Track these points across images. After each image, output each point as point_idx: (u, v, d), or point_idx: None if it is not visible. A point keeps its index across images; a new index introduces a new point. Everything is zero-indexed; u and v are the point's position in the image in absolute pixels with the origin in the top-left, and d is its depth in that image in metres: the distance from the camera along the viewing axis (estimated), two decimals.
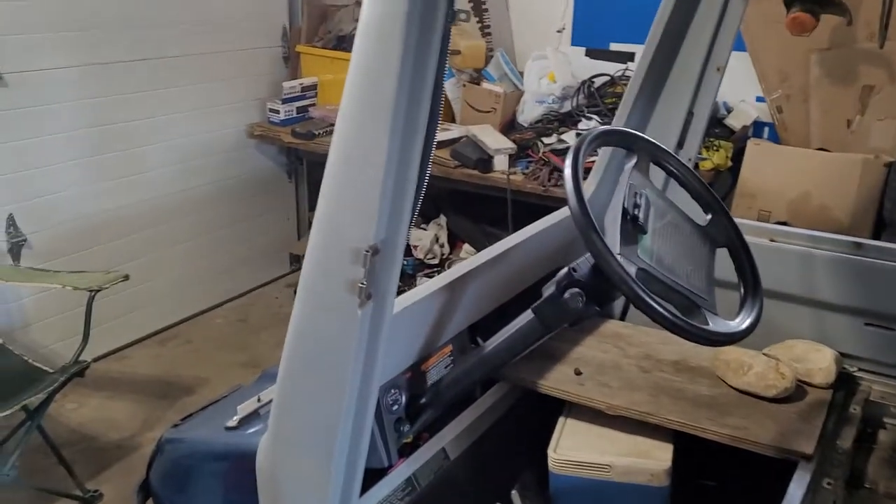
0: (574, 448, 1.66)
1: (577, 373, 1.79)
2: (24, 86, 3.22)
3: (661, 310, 1.19)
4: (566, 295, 1.31)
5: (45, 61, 3.29)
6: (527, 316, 1.43)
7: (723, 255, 1.52)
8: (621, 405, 1.68)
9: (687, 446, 1.66)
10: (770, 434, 1.58)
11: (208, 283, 4.24)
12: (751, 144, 3.44)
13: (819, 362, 1.77)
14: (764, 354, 1.78)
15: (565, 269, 1.33)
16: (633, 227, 1.31)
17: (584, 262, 1.31)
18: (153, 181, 3.84)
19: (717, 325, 1.30)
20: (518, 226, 1.99)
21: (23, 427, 2.58)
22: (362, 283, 1.08)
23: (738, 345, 1.73)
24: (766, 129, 3.68)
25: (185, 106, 3.92)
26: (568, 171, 1.25)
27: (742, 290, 1.45)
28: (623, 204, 1.30)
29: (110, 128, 3.60)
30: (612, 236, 1.24)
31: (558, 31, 3.31)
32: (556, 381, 1.76)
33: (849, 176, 3.14)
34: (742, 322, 1.35)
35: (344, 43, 4.27)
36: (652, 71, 2.05)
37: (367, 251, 1.07)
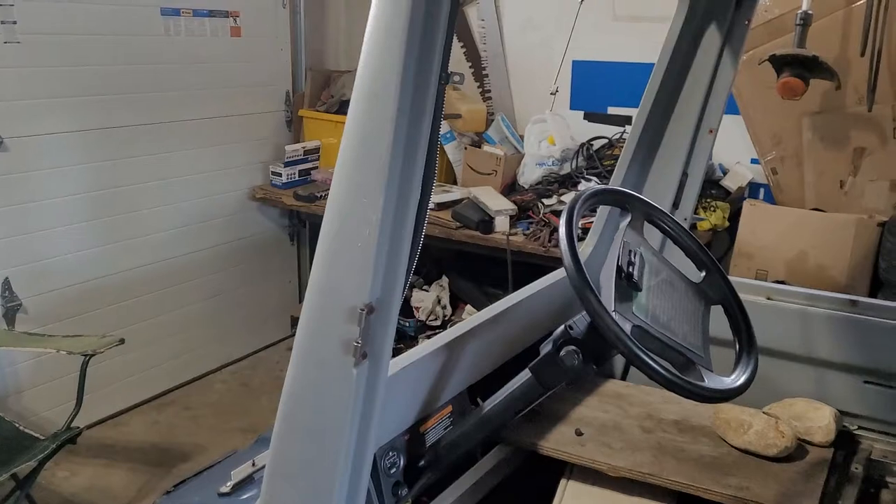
0: None
1: (579, 433, 1.78)
2: (24, 150, 3.27)
3: (656, 367, 1.19)
4: (562, 353, 1.31)
5: (46, 126, 3.35)
6: (525, 375, 1.43)
7: (717, 312, 1.52)
8: (623, 466, 1.66)
9: None
10: (772, 494, 1.56)
11: (208, 347, 4.23)
12: (747, 205, 3.47)
13: (819, 420, 1.76)
14: (764, 413, 1.77)
15: (562, 328, 1.33)
16: (627, 285, 1.32)
17: (580, 320, 1.31)
18: (154, 245, 3.87)
19: (712, 381, 1.30)
20: (519, 287, 2.00)
21: (11, 497, 2.53)
22: (357, 342, 1.09)
23: (737, 403, 1.74)
24: (762, 190, 3.73)
25: (188, 169, 3.98)
26: (562, 230, 1.27)
27: (737, 347, 1.45)
28: (617, 262, 1.32)
29: (111, 191, 3.65)
30: (608, 294, 1.25)
31: (552, 94, 3.39)
32: (557, 443, 1.74)
33: (843, 236, 3.16)
34: (737, 379, 1.35)
35: (346, 107, 4.33)
36: (646, 133, 2.09)
37: (363, 310, 1.07)
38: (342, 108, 4.40)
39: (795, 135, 3.44)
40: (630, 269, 1.33)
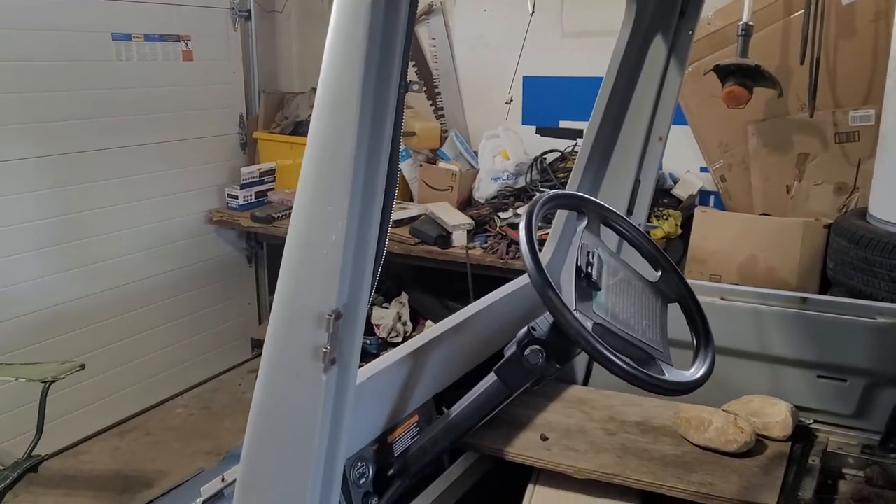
0: None
1: (544, 438, 1.80)
2: None
3: (618, 362, 1.22)
4: (526, 352, 1.33)
5: (3, 153, 3.30)
6: (490, 378, 1.44)
7: (674, 315, 1.56)
8: (588, 468, 1.68)
9: None
10: (734, 488, 1.60)
11: (169, 371, 4.18)
12: (698, 212, 3.56)
13: (776, 416, 1.81)
14: (723, 411, 1.82)
15: (525, 329, 1.36)
16: (587, 285, 1.35)
17: (542, 321, 1.34)
18: (111, 271, 3.82)
19: (672, 375, 1.33)
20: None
21: None
22: (326, 348, 1.09)
23: (697, 402, 1.78)
24: (712, 198, 3.83)
25: (144, 194, 3.95)
26: (523, 233, 1.30)
27: (694, 342, 1.49)
28: (576, 262, 1.35)
29: (67, 218, 3.60)
30: (568, 293, 1.28)
31: (507, 103, 3.44)
32: (523, 448, 1.77)
33: (792, 239, 3.27)
34: (697, 371, 1.38)
35: (301, 128, 4.36)
36: (599, 142, 2.14)
37: (330, 315, 1.08)
38: (297, 129, 4.41)
39: (741, 142, 3.55)
40: (589, 270, 1.36)
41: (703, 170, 3.82)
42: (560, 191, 1.60)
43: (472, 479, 1.76)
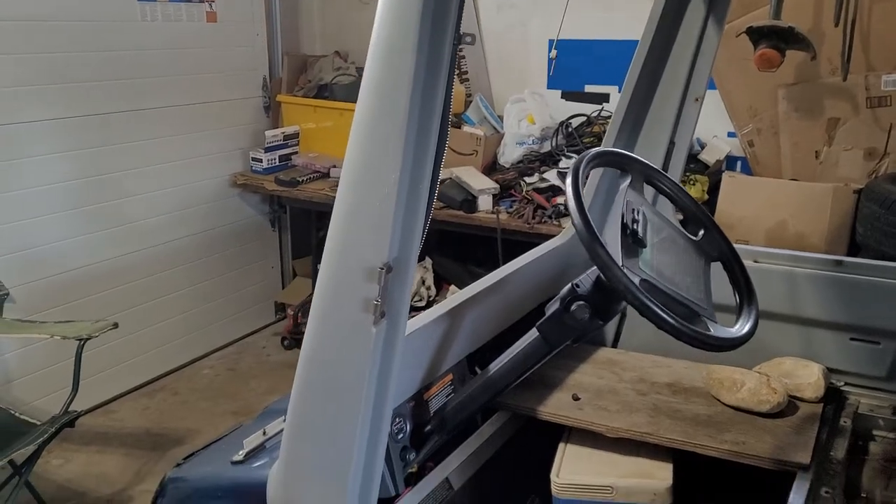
0: (576, 472, 1.67)
1: (576, 398, 1.82)
2: (5, 138, 3.24)
3: (666, 316, 1.23)
4: (573, 308, 1.34)
5: (28, 114, 3.32)
6: (531, 335, 1.46)
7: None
8: (621, 427, 1.70)
9: (686, 465, 1.68)
10: (767, 447, 1.62)
11: (195, 333, 4.23)
12: (726, 177, 3.53)
13: (808, 377, 1.82)
14: (755, 372, 1.83)
15: (568, 286, 1.37)
16: (633, 241, 1.35)
17: (586, 278, 1.35)
18: (138, 233, 3.86)
19: (718, 331, 1.34)
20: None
21: (9, 483, 2.52)
22: (377, 301, 1.10)
23: (728, 364, 1.79)
24: (739, 163, 3.80)
25: (169, 157, 3.96)
26: (569, 189, 1.30)
27: (738, 299, 1.50)
28: (622, 219, 1.35)
29: (94, 179, 3.63)
30: (615, 250, 1.29)
31: (552, 58, 3.43)
32: (556, 408, 1.78)
33: (821, 204, 3.23)
34: (742, 328, 1.39)
35: (325, 91, 4.35)
36: (634, 103, 2.12)
37: (382, 269, 1.09)
38: (320, 92, 4.39)
39: (771, 107, 3.51)
40: (635, 227, 1.36)
41: (730, 135, 3.78)
42: (605, 148, 1.60)
43: (504, 437, 1.79)
